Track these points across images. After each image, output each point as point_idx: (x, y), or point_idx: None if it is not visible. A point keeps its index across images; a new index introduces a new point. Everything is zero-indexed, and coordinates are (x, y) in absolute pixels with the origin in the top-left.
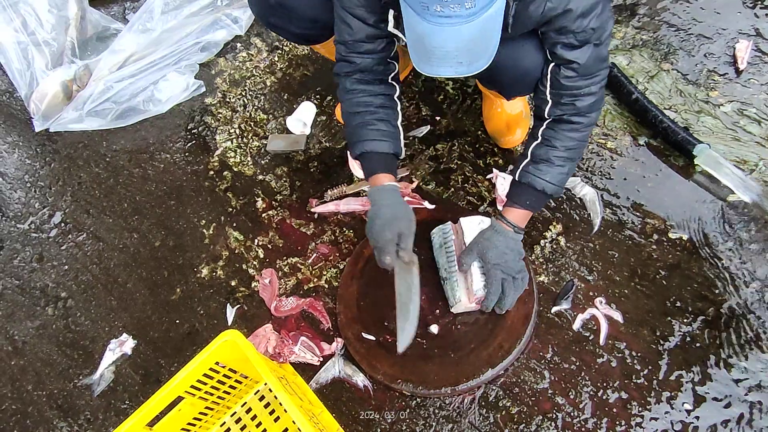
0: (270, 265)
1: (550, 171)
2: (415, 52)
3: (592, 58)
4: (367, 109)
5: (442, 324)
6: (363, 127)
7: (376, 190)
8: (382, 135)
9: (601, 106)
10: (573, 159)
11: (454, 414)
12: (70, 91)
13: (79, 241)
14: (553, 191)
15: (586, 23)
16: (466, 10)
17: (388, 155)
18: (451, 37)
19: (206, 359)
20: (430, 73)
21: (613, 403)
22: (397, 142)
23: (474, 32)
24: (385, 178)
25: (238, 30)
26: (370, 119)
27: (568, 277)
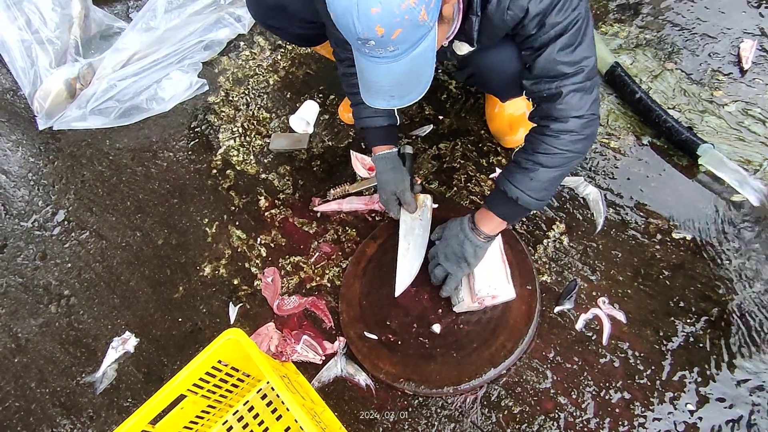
0: (272, 264)
1: (524, 180)
2: (360, 81)
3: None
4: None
5: (445, 323)
6: (360, 105)
7: (374, 160)
8: (375, 112)
9: (581, 115)
10: (544, 165)
11: (457, 413)
12: (74, 90)
13: (82, 239)
14: (527, 203)
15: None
16: (390, 52)
17: (383, 128)
18: (383, 73)
19: (209, 357)
20: (370, 103)
21: (616, 403)
22: (391, 114)
23: (403, 70)
24: (381, 149)
25: (241, 29)
26: None
27: (571, 276)
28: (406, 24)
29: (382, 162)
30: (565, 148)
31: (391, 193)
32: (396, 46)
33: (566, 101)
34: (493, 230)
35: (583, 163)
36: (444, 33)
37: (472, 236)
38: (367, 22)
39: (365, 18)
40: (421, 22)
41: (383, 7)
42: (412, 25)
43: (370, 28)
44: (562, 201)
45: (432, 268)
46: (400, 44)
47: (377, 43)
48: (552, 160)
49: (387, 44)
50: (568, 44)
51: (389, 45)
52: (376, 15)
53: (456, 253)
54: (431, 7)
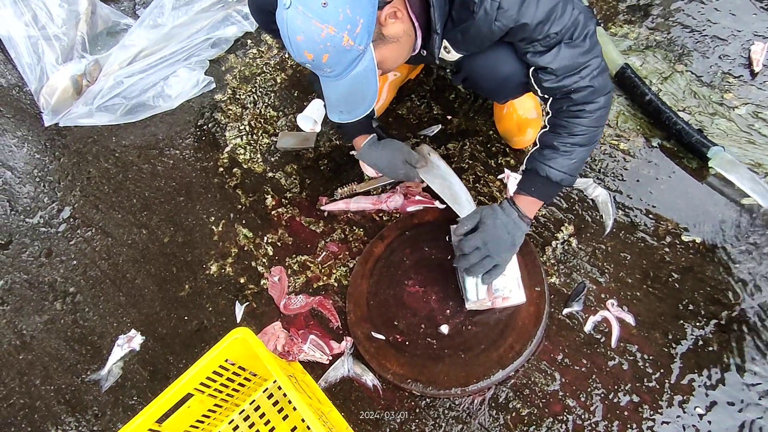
0: (279, 263)
1: (555, 157)
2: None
3: (567, 57)
4: None
5: (453, 324)
6: None
7: (362, 153)
8: None
9: (606, 93)
10: (582, 144)
11: (464, 415)
12: (80, 86)
13: (87, 237)
14: (559, 179)
15: (548, 29)
16: (328, 73)
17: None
18: (331, 89)
19: (216, 356)
20: (328, 115)
21: (625, 406)
22: None
23: (346, 87)
24: (363, 139)
25: (249, 26)
26: None
27: (580, 278)
28: (331, 50)
29: (372, 149)
30: (598, 124)
31: (404, 163)
32: (330, 68)
33: (595, 85)
34: (534, 213)
35: (592, 165)
36: (395, 51)
37: (521, 222)
38: (297, 49)
39: (295, 45)
40: (347, 47)
41: (305, 36)
42: (337, 50)
43: (300, 54)
44: (571, 203)
45: (478, 259)
46: (333, 66)
47: (312, 65)
48: (588, 138)
49: (321, 67)
50: (580, 35)
51: (324, 67)
52: (302, 42)
53: (506, 241)
54: (357, 32)
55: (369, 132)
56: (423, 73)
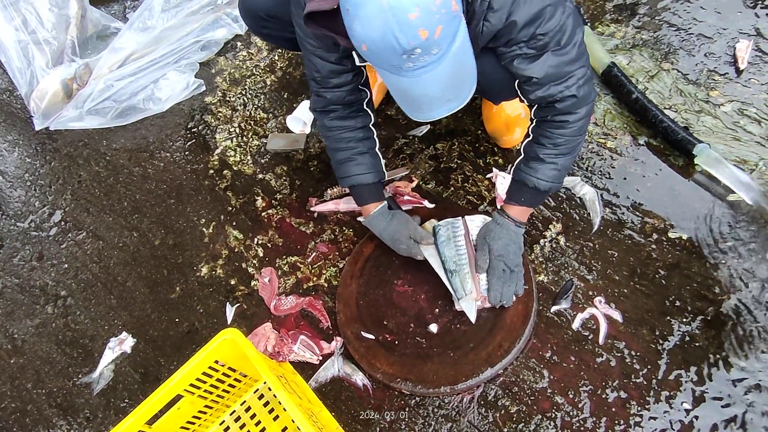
0: (269, 264)
1: (540, 168)
2: (405, 104)
3: (554, 65)
4: (348, 146)
5: (442, 323)
6: (347, 162)
7: (370, 220)
8: (365, 168)
9: (589, 102)
10: (565, 154)
11: (454, 413)
12: (71, 90)
13: (78, 240)
14: (547, 188)
15: (534, 30)
16: (434, 55)
17: (375, 184)
18: (430, 82)
19: (205, 357)
20: (428, 118)
21: (612, 402)
22: (380, 169)
23: (449, 69)
24: (374, 207)
25: (239, 29)
26: (352, 155)
27: (568, 276)
28: (444, 18)
29: (380, 219)
30: (579, 134)
31: (407, 238)
32: (439, 45)
33: (579, 95)
34: (527, 217)
35: (579, 163)
36: None
37: (519, 230)
38: (410, 30)
39: (406, 27)
40: (455, 12)
41: (421, 9)
42: (449, 17)
43: (414, 35)
44: (559, 201)
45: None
46: (442, 42)
47: (423, 49)
48: (570, 148)
49: (431, 47)
50: (567, 42)
51: (433, 47)
52: (416, 20)
53: (515, 250)
54: None
55: (380, 200)
56: None
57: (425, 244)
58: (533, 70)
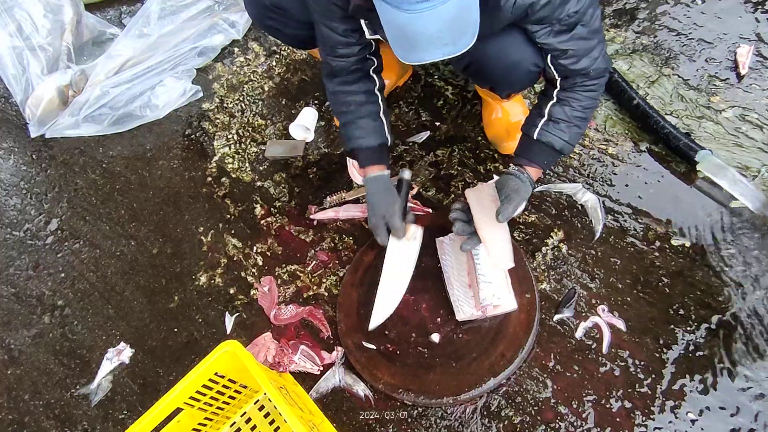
0: (269, 273)
1: (568, 131)
2: (398, 45)
3: (584, 37)
4: (349, 109)
5: (444, 333)
6: (349, 125)
7: (365, 181)
8: (365, 132)
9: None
10: (587, 119)
11: (456, 424)
12: (66, 97)
13: (75, 249)
14: (569, 150)
15: (567, 8)
16: None
17: (374, 147)
18: (431, 20)
19: (205, 370)
20: (418, 60)
21: (617, 412)
22: (381, 133)
23: (453, 11)
24: (373, 170)
25: (236, 34)
26: (353, 118)
27: (570, 284)
28: None
29: (373, 183)
30: (601, 93)
31: (381, 216)
32: None
33: (606, 62)
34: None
35: (581, 170)
36: None
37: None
38: None
39: None
40: None
41: None
42: None
43: None
44: (560, 208)
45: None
46: None
47: None
48: (592, 110)
49: None
50: (593, 14)
51: None
52: None
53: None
54: None
55: (381, 164)
56: (411, 79)
57: (392, 235)
58: (567, 43)
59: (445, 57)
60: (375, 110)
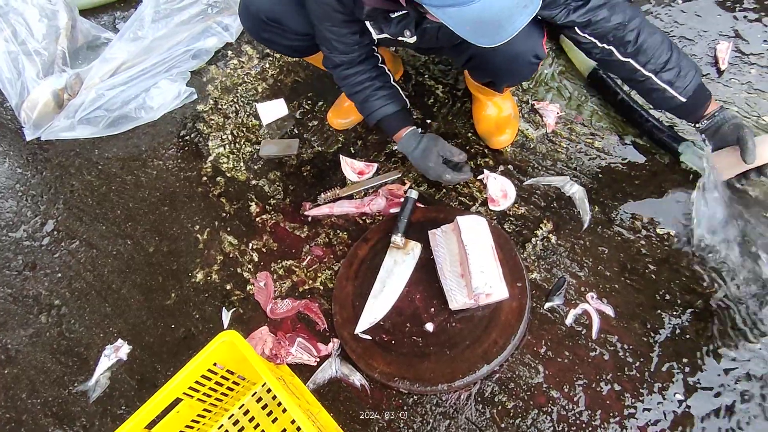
0: (265, 269)
1: (684, 69)
2: (480, 34)
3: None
4: (362, 86)
5: (438, 322)
6: (367, 101)
7: (401, 143)
8: (386, 100)
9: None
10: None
11: (451, 410)
12: (62, 100)
13: (72, 249)
14: (700, 77)
15: None
16: None
17: (399, 112)
18: None
19: (205, 360)
20: (510, 35)
21: (607, 395)
22: (399, 97)
23: None
24: (404, 131)
25: (229, 37)
26: (370, 93)
27: (560, 273)
28: None
29: (411, 140)
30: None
31: (437, 156)
32: None
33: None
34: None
35: (568, 163)
36: None
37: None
38: None
39: None
40: None
41: None
42: None
43: None
44: (549, 200)
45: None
46: None
47: None
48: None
49: None
50: None
51: None
52: None
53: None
54: None
55: (409, 124)
56: (402, 79)
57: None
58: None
59: (531, 17)
60: (386, 80)
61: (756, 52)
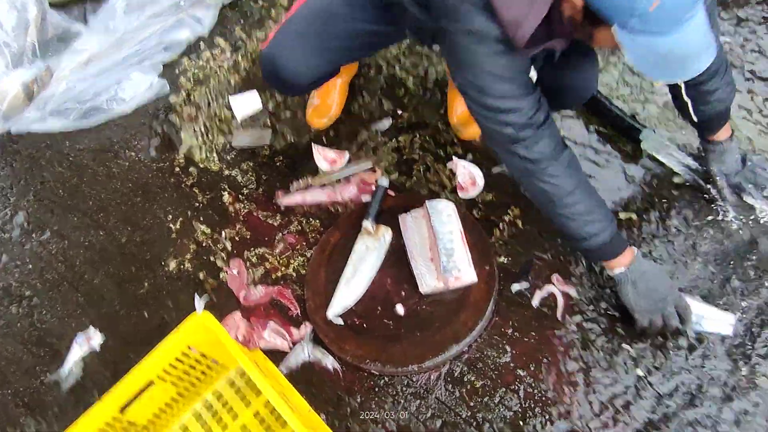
0: (238, 257)
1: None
2: (668, 69)
3: None
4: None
5: (408, 305)
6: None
7: (635, 268)
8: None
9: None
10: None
11: (422, 390)
12: (32, 92)
13: (43, 240)
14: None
15: None
16: None
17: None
18: (696, 30)
19: (177, 341)
20: (696, 72)
21: (572, 372)
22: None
23: (703, 13)
24: (630, 253)
25: (202, 30)
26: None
27: (527, 257)
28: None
29: (642, 264)
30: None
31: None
32: None
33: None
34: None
35: None
36: None
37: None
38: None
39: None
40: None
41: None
42: None
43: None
44: (516, 187)
45: None
46: None
47: None
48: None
49: None
50: None
51: None
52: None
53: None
54: None
55: (627, 244)
56: (374, 71)
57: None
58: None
59: (711, 60)
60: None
61: None
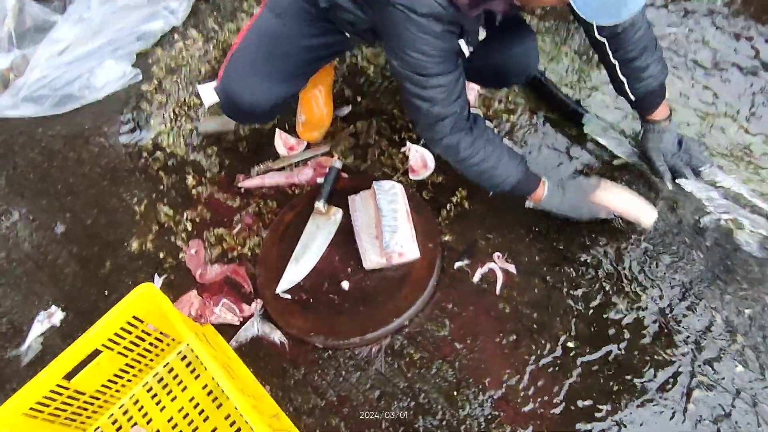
0: (198, 237)
1: (653, 67)
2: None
3: None
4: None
5: (353, 281)
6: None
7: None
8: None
9: None
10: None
11: (363, 363)
12: (7, 80)
13: (11, 223)
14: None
15: None
16: None
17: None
18: None
19: (123, 310)
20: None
21: (506, 344)
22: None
23: None
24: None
25: (175, 21)
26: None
27: (471, 236)
28: None
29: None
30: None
31: (587, 202)
32: None
33: None
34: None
35: None
36: None
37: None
38: None
39: None
40: None
41: None
42: None
43: None
44: None
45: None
46: None
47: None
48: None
49: None
50: None
51: None
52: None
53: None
54: None
55: (539, 175)
56: (337, 60)
57: (315, 213)
58: None
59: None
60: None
61: None
